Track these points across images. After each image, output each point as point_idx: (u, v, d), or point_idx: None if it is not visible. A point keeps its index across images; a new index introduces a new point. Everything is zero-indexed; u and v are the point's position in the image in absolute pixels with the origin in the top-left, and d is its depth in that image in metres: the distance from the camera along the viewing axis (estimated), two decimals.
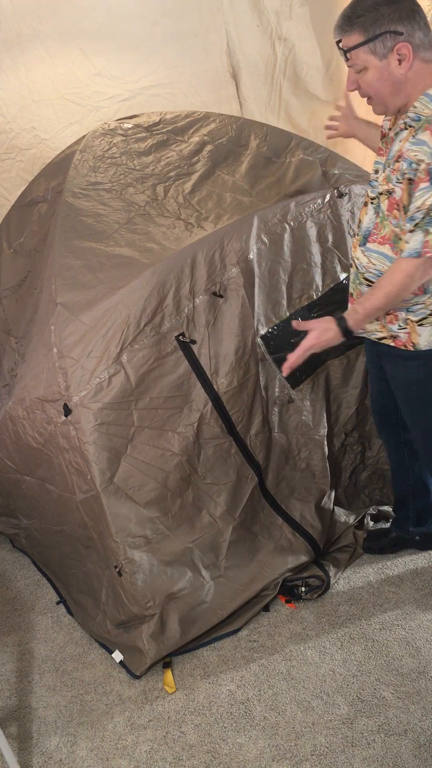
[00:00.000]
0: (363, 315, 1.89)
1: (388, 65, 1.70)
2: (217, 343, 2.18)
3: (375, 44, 1.68)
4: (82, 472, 2.08)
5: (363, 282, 1.95)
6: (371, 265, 1.90)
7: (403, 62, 1.68)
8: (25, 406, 2.21)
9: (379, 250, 1.88)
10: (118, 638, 2.20)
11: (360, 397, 2.49)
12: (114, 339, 2.06)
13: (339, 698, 2.00)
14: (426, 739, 1.86)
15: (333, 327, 1.92)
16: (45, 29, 3.10)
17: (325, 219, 2.34)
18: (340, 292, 2.38)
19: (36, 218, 2.69)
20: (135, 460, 2.09)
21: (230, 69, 3.64)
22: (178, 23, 3.41)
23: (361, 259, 1.93)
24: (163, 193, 2.58)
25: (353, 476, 2.60)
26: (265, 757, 1.86)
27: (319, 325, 1.94)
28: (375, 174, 1.89)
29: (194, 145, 2.81)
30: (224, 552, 2.24)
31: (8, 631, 2.38)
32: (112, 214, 2.45)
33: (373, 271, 1.90)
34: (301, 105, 3.73)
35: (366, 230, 1.91)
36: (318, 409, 2.40)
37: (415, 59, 1.69)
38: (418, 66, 1.70)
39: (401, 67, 1.69)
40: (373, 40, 1.67)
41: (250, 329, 2.21)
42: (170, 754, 1.90)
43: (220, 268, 2.16)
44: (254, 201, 2.47)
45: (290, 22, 3.50)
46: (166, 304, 2.10)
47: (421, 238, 1.72)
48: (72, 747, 1.96)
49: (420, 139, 1.68)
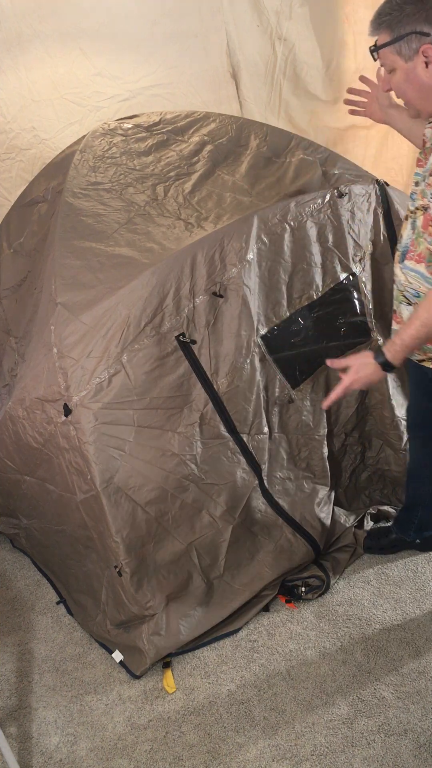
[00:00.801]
0: (401, 347, 1.74)
1: (414, 68, 1.60)
2: (218, 343, 2.18)
3: (400, 45, 1.59)
4: (82, 472, 2.08)
5: (402, 300, 1.87)
6: (408, 284, 1.82)
7: (431, 65, 1.59)
8: (25, 406, 2.21)
9: (415, 269, 1.79)
10: (118, 638, 2.20)
11: (360, 397, 2.49)
12: (114, 339, 2.06)
13: (339, 698, 2.00)
14: (426, 739, 1.86)
15: (371, 361, 1.78)
16: (45, 29, 3.09)
17: (326, 219, 2.33)
18: (340, 292, 2.38)
19: (36, 218, 2.69)
20: (135, 460, 2.09)
21: (230, 69, 3.64)
22: (178, 23, 3.41)
23: (399, 276, 1.86)
24: (163, 193, 2.57)
25: (353, 476, 2.60)
26: (265, 757, 1.86)
27: (356, 360, 1.80)
28: (415, 186, 1.79)
29: (194, 145, 2.80)
30: (224, 552, 2.24)
31: (8, 631, 2.38)
32: (112, 214, 2.45)
33: (411, 290, 1.82)
34: (301, 105, 3.73)
35: (405, 247, 1.82)
36: (318, 410, 2.40)
37: None
38: None
39: (428, 70, 1.59)
40: (398, 40, 1.58)
41: (251, 329, 2.21)
42: (170, 754, 1.90)
43: (220, 268, 2.16)
44: (254, 201, 2.47)
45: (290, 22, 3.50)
46: (166, 304, 2.10)
47: None
48: (72, 747, 1.96)
49: None
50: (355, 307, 2.42)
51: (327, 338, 2.39)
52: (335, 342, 2.40)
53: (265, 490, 2.31)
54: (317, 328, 2.35)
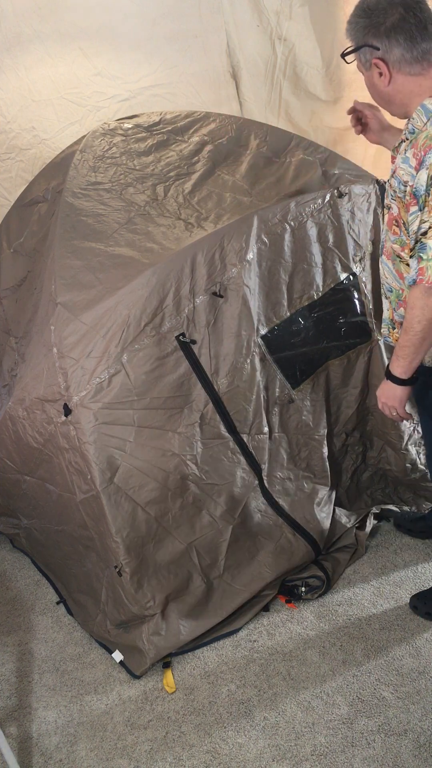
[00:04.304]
0: (403, 359, 1.78)
1: (371, 77, 1.68)
2: (218, 343, 2.18)
3: (359, 54, 1.67)
4: (82, 472, 2.08)
5: (384, 293, 1.93)
6: (385, 278, 1.88)
7: (383, 77, 1.64)
8: (25, 406, 2.21)
9: (386, 264, 1.85)
10: (118, 638, 2.20)
11: (360, 397, 2.49)
12: (114, 339, 2.06)
13: (339, 698, 2.00)
14: (426, 739, 1.86)
15: (385, 381, 1.87)
16: (45, 29, 3.09)
17: (326, 219, 2.33)
18: (340, 292, 2.38)
19: (36, 218, 2.69)
20: (135, 460, 2.09)
21: (230, 69, 3.64)
22: (178, 23, 3.41)
23: (381, 270, 1.93)
24: (163, 193, 2.57)
25: (355, 476, 2.60)
26: (265, 757, 1.86)
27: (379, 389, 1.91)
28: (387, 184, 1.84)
29: (194, 145, 2.80)
30: (224, 552, 2.24)
31: (8, 631, 2.38)
32: (112, 214, 2.45)
33: (386, 284, 1.88)
34: (301, 105, 3.73)
35: (381, 242, 1.89)
36: (318, 409, 2.40)
37: (397, 74, 1.63)
38: (402, 80, 1.64)
39: (382, 80, 1.65)
40: (356, 50, 1.67)
41: (251, 329, 2.21)
42: (170, 754, 1.90)
43: (220, 268, 2.16)
44: (254, 201, 2.47)
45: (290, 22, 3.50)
46: (166, 304, 2.10)
47: (415, 265, 1.64)
48: (72, 747, 1.96)
49: (407, 156, 1.63)
50: (355, 307, 2.42)
51: (327, 338, 2.39)
52: (335, 342, 2.40)
53: (265, 490, 2.31)
54: (318, 328, 2.35)
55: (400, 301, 1.85)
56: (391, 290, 1.87)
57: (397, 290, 1.85)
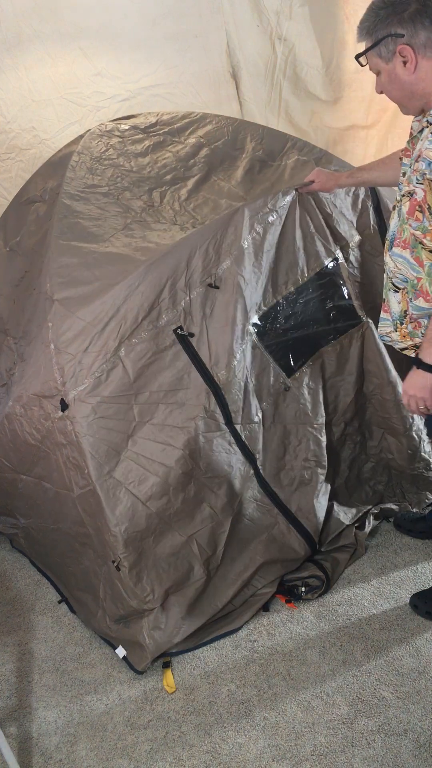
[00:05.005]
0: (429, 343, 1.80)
1: (394, 68, 1.70)
2: (216, 335, 2.17)
3: (379, 48, 1.69)
4: (79, 467, 2.08)
5: (391, 288, 1.92)
6: (397, 270, 1.87)
7: (408, 64, 1.67)
8: (23, 403, 2.22)
9: (402, 255, 1.85)
10: (119, 634, 2.20)
11: (357, 385, 2.48)
12: (111, 334, 2.06)
13: (339, 698, 2.00)
14: (426, 739, 1.86)
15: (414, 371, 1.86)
16: (45, 29, 3.10)
17: (311, 206, 2.37)
18: (325, 276, 2.40)
19: (33, 218, 2.70)
20: (136, 456, 2.09)
21: (230, 69, 3.64)
22: (178, 23, 3.41)
23: (389, 263, 1.91)
24: (159, 199, 2.59)
25: (354, 467, 2.58)
26: (265, 757, 1.86)
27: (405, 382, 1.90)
28: (402, 177, 1.86)
29: (190, 147, 2.82)
30: (222, 543, 2.23)
31: (8, 631, 2.38)
32: (109, 220, 2.47)
33: (399, 276, 1.87)
34: (301, 105, 3.73)
35: (392, 234, 1.89)
36: (316, 398, 2.39)
37: (422, 59, 1.67)
38: (427, 66, 1.67)
39: (407, 68, 1.68)
40: (377, 44, 1.68)
41: (245, 318, 2.22)
42: (170, 754, 1.90)
43: (214, 260, 2.17)
44: None
45: (290, 22, 3.50)
46: (162, 298, 2.11)
47: None
48: (72, 747, 1.95)
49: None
50: (341, 291, 2.43)
51: (317, 323, 2.39)
52: (325, 326, 2.41)
53: (261, 479, 2.30)
54: (307, 312, 2.36)
55: (417, 291, 1.83)
56: (406, 281, 1.86)
57: (412, 280, 1.84)
